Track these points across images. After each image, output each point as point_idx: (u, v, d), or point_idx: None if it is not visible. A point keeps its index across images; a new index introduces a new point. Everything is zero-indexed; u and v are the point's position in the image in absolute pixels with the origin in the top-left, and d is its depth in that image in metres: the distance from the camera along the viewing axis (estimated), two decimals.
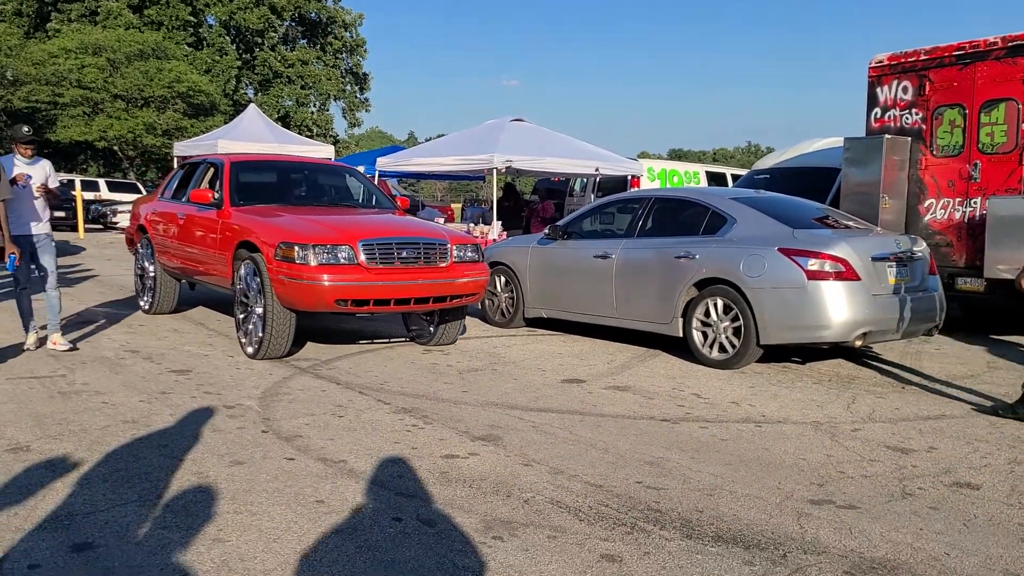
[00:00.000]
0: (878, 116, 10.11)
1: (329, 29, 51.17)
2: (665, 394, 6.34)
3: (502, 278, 9.42)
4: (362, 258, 6.94)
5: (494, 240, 13.95)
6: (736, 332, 7.16)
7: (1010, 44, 8.81)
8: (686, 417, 5.66)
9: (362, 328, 9.00)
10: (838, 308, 6.75)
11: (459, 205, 30.49)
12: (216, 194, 8.15)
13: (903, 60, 9.81)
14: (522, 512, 3.83)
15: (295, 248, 6.81)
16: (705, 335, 7.41)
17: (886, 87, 10.00)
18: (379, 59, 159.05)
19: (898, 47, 9.99)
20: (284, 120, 45.41)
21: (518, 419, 5.49)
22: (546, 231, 9.17)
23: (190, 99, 38.10)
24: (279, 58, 48.48)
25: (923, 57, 9.60)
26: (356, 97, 53.81)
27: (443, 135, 20.45)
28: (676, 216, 8.19)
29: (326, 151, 23.23)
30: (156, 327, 8.85)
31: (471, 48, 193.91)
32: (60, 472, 4.20)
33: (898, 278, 7.17)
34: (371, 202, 9.14)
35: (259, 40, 48.16)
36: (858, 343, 6.93)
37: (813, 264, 6.84)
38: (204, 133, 29.07)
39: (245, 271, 7.35)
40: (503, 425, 5.32)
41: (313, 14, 50.09)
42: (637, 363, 7.54)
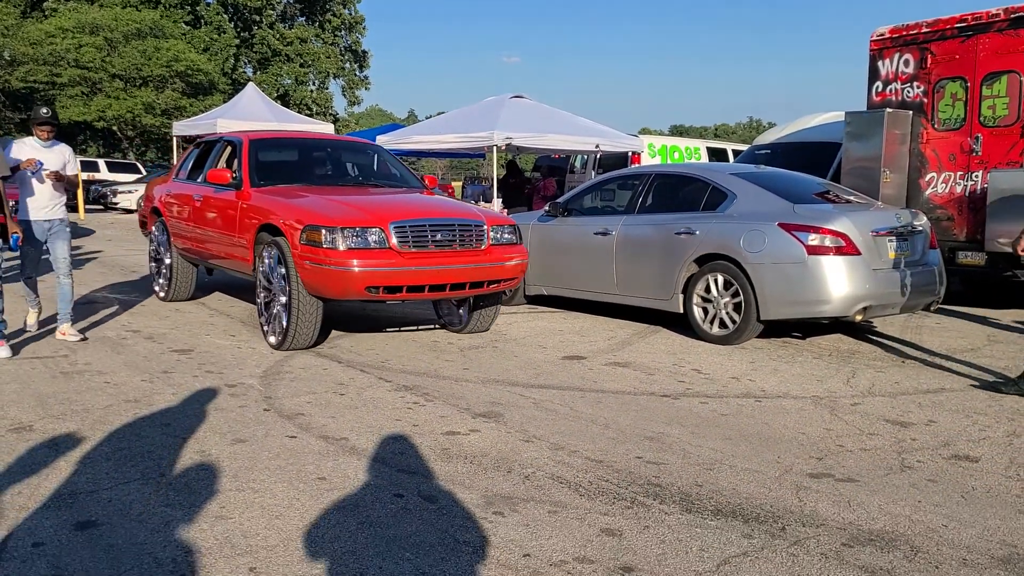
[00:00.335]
0: (879, 90, 10.06)
1: (327, 6, 50.79)
2: (665, 370, 6.36)
3: None
4: (394, 241, 6.48)
5: None
6: (736, 308, 7.17)
7: (1013, 16, 8.75)
8: (686, 392, 5.68)
9: (389, 314, 8.63)
10: (838, 283, 6.76)
11: (460, 183, 30.43)
12: (235, 174, 7.71)
13: (905, 33, 9.75)
14: (523, 488, 3.86)
15: (322, 231, 6.36)
16: (705, 311, 7.42)
17: (887, 60, 9.95)
18: (378, 36, 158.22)
19: (900, 20, 9.93)
20: (283, 99, 45.18)
21: (519, 396, 5.51)
22: (546, 208, 9.15)
23: (188, 78, 37.91)
24: (277, 36, 48.19)
25: (925, 30, 9.54)
26: (355, 75, 53.54)
27: (443, 113, 20.36)
28: (676, 192, 8.18)
29: (326, 129, 23.15)
30: (158, 307, 8.87)
31: (471, 25, 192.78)
32: (63, 451, 4.22)
33: (898, 252, 7.16)
34: (398, 181, 8.44)
35: (257, 18, 47.85)
36: (858, 318, 6.94)
37: (813, 239, 6.84)
38: (203, 112, 28.94)
39: (268, 256, 6.93)
40: (504, 402, 5.34)
41: None
42: (637, 339, 7.55)
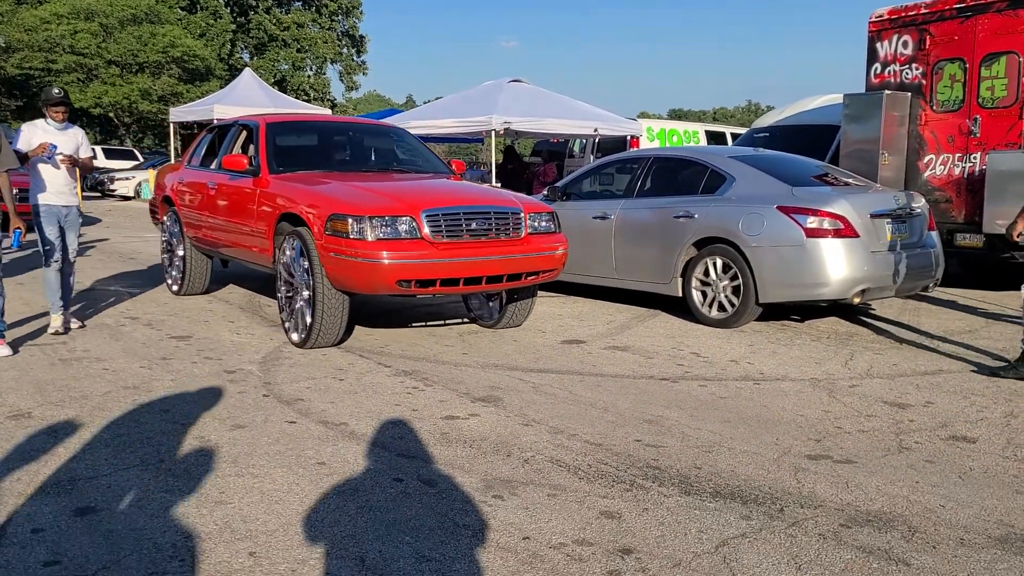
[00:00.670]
0: (878, 72, 10.02)
1: None
2: (664, 353, 6.36)
3: None
4: (426, 231, 5.99)
5: None
6: (735, 291, 7.17)
7: None
8: (685, 376, 5.69)
9: (413, 308, 8.21)
10: (837, 265, 6.75)
11: None
12: (252, 160, 7.29)
13: (903, 14, 9.70)
14: (522, 471, 3.87)
15: (349, 221, 5.90)
16: (704, 294, 7.42)
17: (886, 42, 9.90)
18: (375, 21, 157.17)
19: (899, 1, 9.87)
20: (281, 84, 44.98)
21: (518, 380, 5.51)
22: (545, 192, 9.13)
23: (185, 64, 37.75)
24: (274, 21, 47.92)
25: (923, 11, 9.49)
26: (353, 60, 53.28)
27: (441, 98, 20.30)
28: (675, 176, 8.16)
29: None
30: (156, 294, 8.87)
31: (469, 10, 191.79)
32: (62, 438, 4.23)
33: (897, 235, 7.15)
34: (424, 166, 7.94)
35: (253, 3, 47.58)
36: (856, 300, 6.94)
37: (812, 222, 6.83)
38: (200, 98, 28.85)
39: (289, 248, 6.49)
40: (503, 386, 5.35)
41: None
42: (636, 323, 7.55)
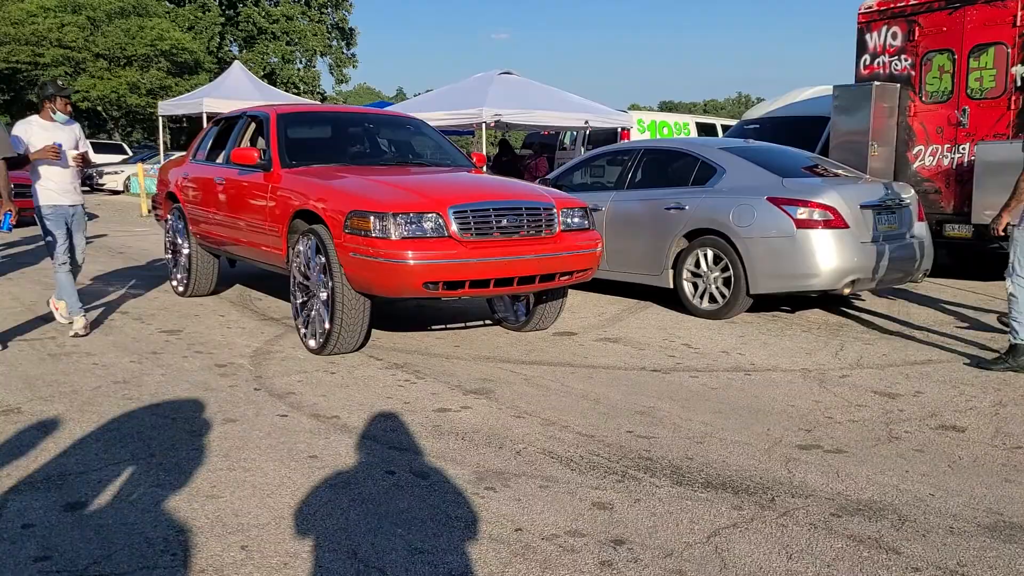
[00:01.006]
0: (867, 63, 10.04)
1: None
2: (656, 345, 6.37)
3: None
4: (454, 228, 5.55)
5: None
6: (726, 282, 7.19)
7: None
8: (676, 367, 5.70)
9: (434, 309, 7.74)
10: (827, 256, 6.77)
11: None
12: (262, 153, 6.85)
13: (892, 5, 9.72)
14: (514, 463, 3.87)
15: (371, 218, 5.47)
16: (695, 286, 7.44)
17: (875, 33, 9.92)
18: (365, 14, 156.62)
19: None
20: (270, 77, 44.83)
21: (510, 372, 5.52)
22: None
23: (173, 57, 37.60)
24: (263, 13, 47.71)
25: (912, 2, 9.51)
26: (343, 53, 53.16)
27: (432, 90, 20.25)
28: (666, 167, 8.17)
29: None
30: (146, 289, 8.82)
31: (458, 1, 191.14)
32: (52, 433, 4.21)
33: (886, 225, 7.18)
34: (444, 159, 7.51)
35: None
36: (846, 291, 6.97)
37: (802, 213, 6.84)
38: (189, 92, 28.71)
39: (304, 247, 6.06)
40: (495, 378, 5.35)
41: None
42: (628, 315, 7.56)
